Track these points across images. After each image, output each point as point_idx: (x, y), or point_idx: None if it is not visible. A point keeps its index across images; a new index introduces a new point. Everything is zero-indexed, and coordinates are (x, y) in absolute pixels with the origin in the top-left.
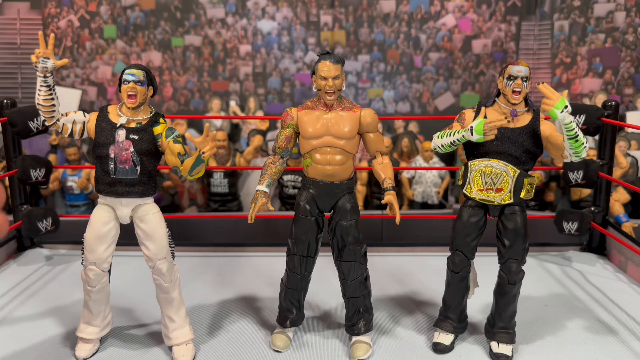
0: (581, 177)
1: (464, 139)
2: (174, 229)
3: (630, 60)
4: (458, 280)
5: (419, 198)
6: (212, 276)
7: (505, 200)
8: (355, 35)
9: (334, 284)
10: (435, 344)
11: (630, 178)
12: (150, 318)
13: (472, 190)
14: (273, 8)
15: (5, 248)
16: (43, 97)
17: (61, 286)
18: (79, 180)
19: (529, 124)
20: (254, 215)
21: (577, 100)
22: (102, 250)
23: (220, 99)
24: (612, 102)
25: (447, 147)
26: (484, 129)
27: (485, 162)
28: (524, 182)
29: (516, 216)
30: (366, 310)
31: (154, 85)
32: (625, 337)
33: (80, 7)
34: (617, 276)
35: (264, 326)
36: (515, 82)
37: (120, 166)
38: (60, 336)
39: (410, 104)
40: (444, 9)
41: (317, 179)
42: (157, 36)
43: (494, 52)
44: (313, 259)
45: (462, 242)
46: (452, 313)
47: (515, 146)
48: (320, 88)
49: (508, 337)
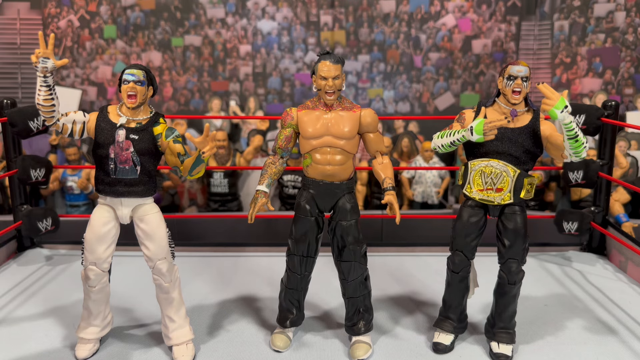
0: (581, 177)
1: (464, 139)
2: (174, 229)
3: (630, 60)
4: (458, 280)
5: (419, 198)
6: (212, 276)
7: (505, 200)
8: (355, 35)
9: (334, 284)
10: (435, 344)
11: (630, 178)
12: (150, 318)
13: (472, 190)
14: (273, 8)
15: (5, 248)
16: (43, 97)
17: (61, 286)
18: (79, 180)
19: (529, 124)
20: (254, 215)
21: (577, 100)
22: (102, 250)
23: (220, 99)
24: (612, 102)
25: (447, 147)
26: (484, 129)
27: (485, 162)
28: (524, 182)
29: (516, 216)
30: (366, 310)
31: (154, 85)
32: (625, 337)
33: (80, 7)
34: (617, 276)
35: (264, 326)
36: (515, 82)
37: (120, 166)
38: (60, 336)
39: (410, 104)
40: (444, 9)
41: (317, 179)
42: (157, 36)
43: (494, 52)
44: (313, 259)
45: (462, 242)
46: (452, 313)
47: (515, 146)
48: (320, 88)
49: (508, 337)
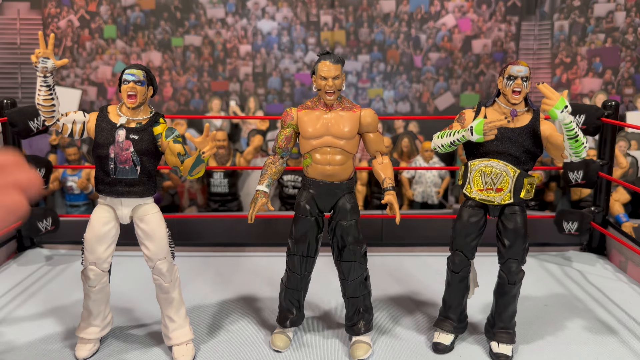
0: (581, 177)
1: (464, 139)
2: (174, 229)
3: (630, 60)
4: (458, 280)
5: (419, 198)
6: (212, 276)
7: (505, 200)
8: (355, 35)
9: (334, 284)
10: (435, 344)
11: (630, 178)
12: (150, 318)
13: (472, 190)
14: (273, 8)
15: (5, 248)
16: (43, 97)
17: (61, 286)
18: (79, 180)
19: (529, 124)
20: (254, 215)
21: (577, 100)
22: (102, 251)
23: (220, 99)
24: (612, 102)
25: (447, 147)
26: (484, 129)
27: (485, 162)
28: (524, 182)
29: (516, 216)
30: (366, 310)
31: (154, 85)
32: (625, 337)
33: (80, 7)
34: (617, 276)
35: (264, 326)
36: (515, 82)
37: (120, 166)
38: (60, 336)
39: (410, 104)
40: (444, 9)
41: (317, 179)
42: (157, 36)
43: (494, 52)
44: (313, 259)
45: (462, 242)
46: (452, 313)
47: (515, 146)
48: (320, 88)
49: (508, 337)
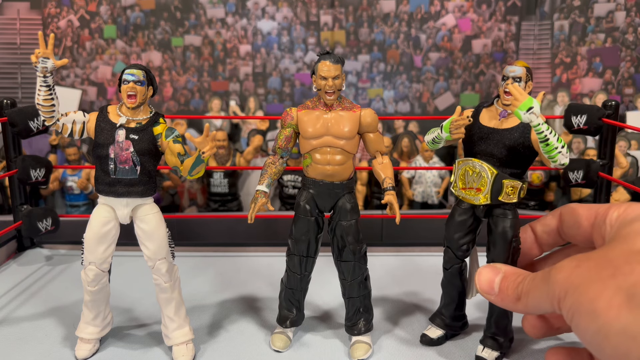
0: (581, 177)
1: (440, 136)
2: (174, 229)
3: (630, 60)
4: (448, 277)
5: (419, 198)
6: (212, 276)
7: (482, 201)
8: (355, 35)
9: (334, 284)
10: (422, 336)
11: (630, 178)
12: (150, 318)
13: (457, 189)
14: (273, 8)
15: (5, 248)
16: (43, 97)
17: (61, 286)
18: (79, 180)
19: (518, 125)
20: (254, 215)
21: (577, 100)
22: (102, 251)
23: (220, 99)
24: (612, 102)
25: (431, 144)
26: (450, 127)
27: (470, 161)
28: (502, 183)
29: (504, 219)
30: (366, 310)
31: (154, 85)
32: None
33: (80, 7)
34: None
35: (264, 326)
36: (506, 83)
37: (120, 166)
38: (60, 336)
39: (410, 104)
40: (444, 9)
41: (317, 179)
42: (157, 36)
43: (494, 52)
44: (313, 259)
45: (450, 239)
46: (445, 309)
47: (499, 147)
48: (320, 88)
49: (494, 343)
